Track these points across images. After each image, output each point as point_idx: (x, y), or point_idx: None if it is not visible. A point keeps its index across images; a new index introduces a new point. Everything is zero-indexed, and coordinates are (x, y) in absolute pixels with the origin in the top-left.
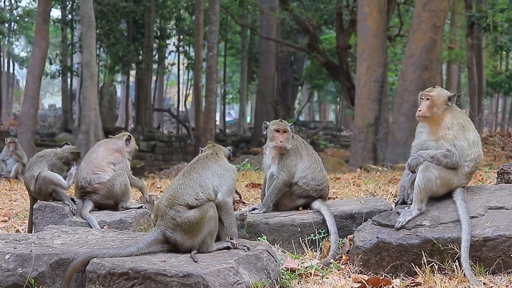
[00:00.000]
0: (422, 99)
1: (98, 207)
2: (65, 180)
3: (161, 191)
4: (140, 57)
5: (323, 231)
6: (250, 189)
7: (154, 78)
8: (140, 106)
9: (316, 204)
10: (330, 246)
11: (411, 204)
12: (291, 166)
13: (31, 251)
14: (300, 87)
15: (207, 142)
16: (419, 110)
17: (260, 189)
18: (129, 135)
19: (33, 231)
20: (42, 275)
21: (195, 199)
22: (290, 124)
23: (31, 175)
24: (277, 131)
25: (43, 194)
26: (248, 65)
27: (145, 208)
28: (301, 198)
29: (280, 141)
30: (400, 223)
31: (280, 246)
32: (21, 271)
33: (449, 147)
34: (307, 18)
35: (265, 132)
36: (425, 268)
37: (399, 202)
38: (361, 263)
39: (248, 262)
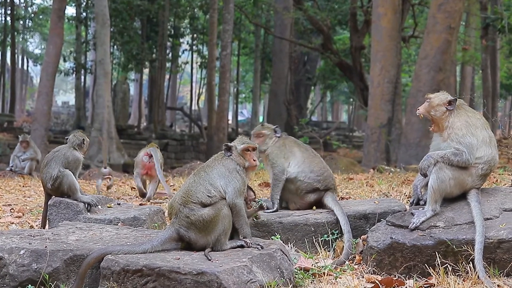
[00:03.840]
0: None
1: None
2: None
3: (174, 189)
4: (154, 55)
5: (337, 231)
6: (263, 188)
7: (167, 76)
8: (153, 104)
9: (329, 201)
10: (343, 246)
11: (424, 204)
12: (280, 156)
13: (46, 247)
14: (313, 87)
15: (220, 141)
16: (418, 109)
17: None
18: None
19: (46, 227)
20: (56, 271)
21: (208, 196)
22: (275, 126)
23: (48, 171)
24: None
25: (60, 191)
26: (261, 65)
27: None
28: (309, 193)
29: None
30: (414, 224)
31: (293, 246)
32: (35, 267)
33: (456, 145)
34: (321, 18)
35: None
36: (439, 269)
37: (413, 202)
38: (374, 264)
39: (261, 261)
